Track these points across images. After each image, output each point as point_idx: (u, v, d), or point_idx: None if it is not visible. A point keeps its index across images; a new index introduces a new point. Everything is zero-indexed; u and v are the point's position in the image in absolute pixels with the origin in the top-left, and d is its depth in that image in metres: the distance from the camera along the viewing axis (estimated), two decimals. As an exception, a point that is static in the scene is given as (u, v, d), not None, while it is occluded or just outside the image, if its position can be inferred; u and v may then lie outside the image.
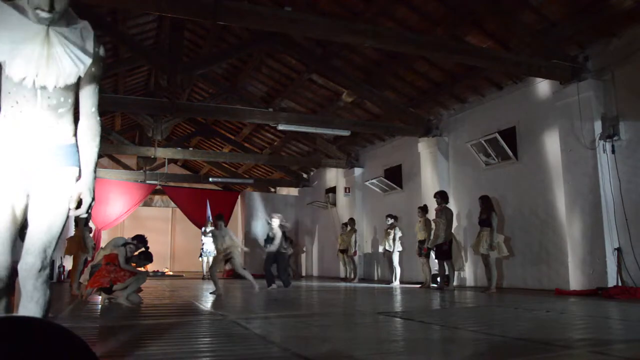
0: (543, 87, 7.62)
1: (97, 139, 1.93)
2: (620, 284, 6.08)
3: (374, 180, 11.62)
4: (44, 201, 1.77)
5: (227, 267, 9.23)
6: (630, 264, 6.04)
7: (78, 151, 1.90)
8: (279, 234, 8.90)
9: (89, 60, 1.80)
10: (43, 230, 1.74)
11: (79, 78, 1.82)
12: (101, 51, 1.89)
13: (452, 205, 8.64)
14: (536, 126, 7.72)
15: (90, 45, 1.83)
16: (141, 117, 12.45)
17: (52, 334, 1.09)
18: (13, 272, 1.75)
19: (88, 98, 1.92)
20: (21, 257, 1.73)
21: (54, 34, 1.73)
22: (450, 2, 7.02)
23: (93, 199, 1.84)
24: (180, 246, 19.36)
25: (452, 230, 8.10)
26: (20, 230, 1.81)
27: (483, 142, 8.21)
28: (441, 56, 6.91)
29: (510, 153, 8.00)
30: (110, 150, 14.70)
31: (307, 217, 15.77)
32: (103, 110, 11.49)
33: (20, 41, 1.68)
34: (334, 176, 14.37)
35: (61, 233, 1.81)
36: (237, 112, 10.00)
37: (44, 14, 1.68)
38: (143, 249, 6.10)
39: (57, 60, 1.73)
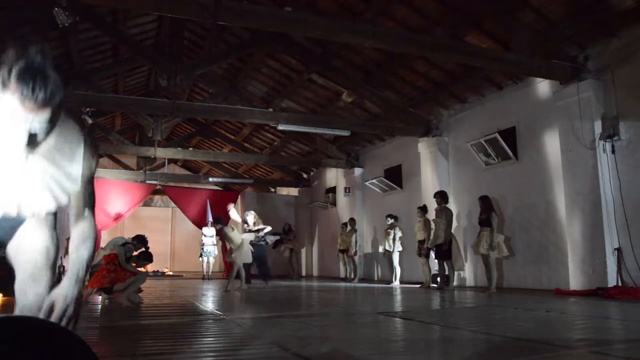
0: (543, 87, 7.62)
1: (88, 243, 1.63)
2: (620, 284, 6.09)
3: (374, 180, 11.62)
4: (31, 237, 1.62)
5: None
6: (630, 264, 6.04)
7: None
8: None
9: (74, 188, 1.56)
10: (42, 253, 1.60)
11: None
12: (92, 163, 1.60)
13: (452, 205, 8.64)
14: (536, 126, 7.72)
15: (79, 161, 1.56)
16: (141, 117, 12.45)
17: (52, 334, 1.09)
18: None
19: (79, 200, 1.62)
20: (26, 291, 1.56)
21: (35, 160, 1.45)
22: (450, 2, 7.02)
23: (75, 314, 1.51)
24: (180, 246, 19.34)
25: (452, 230, 8.10)
26: None
27: (483, 142, 8.21)
28: (441, 56, 6.92)
29: (510, 153, 8.00)
30: (110, 150, 14.71)
31: (307, 217, 15.76)
32: (103, 110, 11.41)
33: None
34: (334, 176, 14.37)
35: (55, 259, 1.64)
36: (237, 112, 10.00)
37: (21, 148, 1.41)
38: (143, 249, 6.10)
39: (36, 193, 1.49)
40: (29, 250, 1.60)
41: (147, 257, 6.14)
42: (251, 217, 9.10)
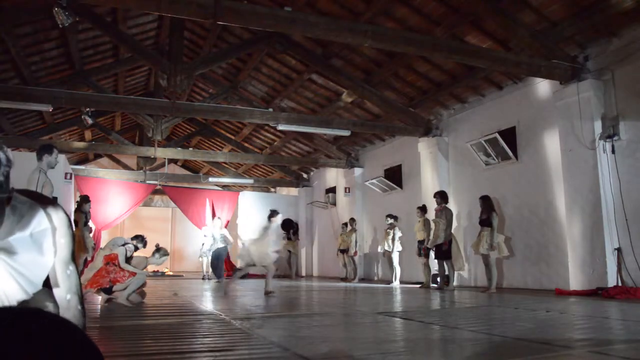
0: (543, 87, 7.62)
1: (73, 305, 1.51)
2: (620, 284, 6.08)
3: (374, 180, 11.62)
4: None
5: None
6: (630, 264, 6.04)
7: None
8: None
9: (41, 278, 1.47)
10: None
11: None
12: (67, 246, 1.51)
13: (452, 205, 8.64)
14: (536, 126, 7.72)
15: (48, 251, 1.46)
16: (141, 117, 12.45)
17: (59, 328, 1.08)
18: None
19: (59, 282, 1.51)
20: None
21: None
22: (450, 2, 7.03)
23: None
24: (180, 246, 19.36)
25: (452, 230, 8.10)
26: None
27: (483, 142, 8.21)
28: (441, 56, 6.91)
29: (510, 153, 8.00)
30: (110, 150, 14.71)
31: (307, 217, 15.77)
32: (103, 110, 11.38)
33: None
34: (334, 176, 14.37)
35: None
36: (237, 112, 10.00)
37: None
38: (155, 248, 6.13)
39: (3, 287, 1.39)
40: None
41: (164, 253, 6.11)
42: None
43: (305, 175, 16.37)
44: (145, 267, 5.92)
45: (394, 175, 11.43)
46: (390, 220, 10.04)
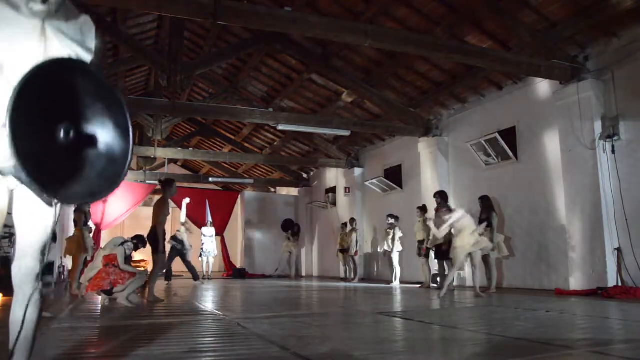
0: (543, 87, 7.62)
1: None
2: (620, 284, 6.08)
3: (374, 180, 11.62)
4: (36, 201, 1.65)
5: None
6: (630, 264, 6.04)
7: None
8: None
9: (88, 58, 1.71)
10: (40, 231, 1.66)
11: None
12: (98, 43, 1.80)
13: (452, 205, 8.62)
14: (536, 126, 7.72)
15: (91, 41, 1.73)
16: (141, 117, 12.45)
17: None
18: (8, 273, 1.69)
19: None
20: (16, 259, 1.64)
21: (51, 29, 1.61)
22: (450, 2, 7.03)
23: None
24: (180, 246, 19.33)
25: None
26: None
27: (483, 142, 8.21)
28: (441, 56, 6.91)
29: (510, 153, 8.00)
30: (110, 150, 14.67)
31: (307, 217, 15.77)
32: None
33: (15, 39, 1.56)
34: (334, 176, 14.37)
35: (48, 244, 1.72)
36: (237, 112, 10.00)
37: (38, 7, 1.55)
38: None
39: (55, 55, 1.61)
40: (32, 226, 1.67)
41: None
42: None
43: (305, 175, 16.37)
44: None
45: (394, 175, 11.43)
46: (391, 220, 10.04)
